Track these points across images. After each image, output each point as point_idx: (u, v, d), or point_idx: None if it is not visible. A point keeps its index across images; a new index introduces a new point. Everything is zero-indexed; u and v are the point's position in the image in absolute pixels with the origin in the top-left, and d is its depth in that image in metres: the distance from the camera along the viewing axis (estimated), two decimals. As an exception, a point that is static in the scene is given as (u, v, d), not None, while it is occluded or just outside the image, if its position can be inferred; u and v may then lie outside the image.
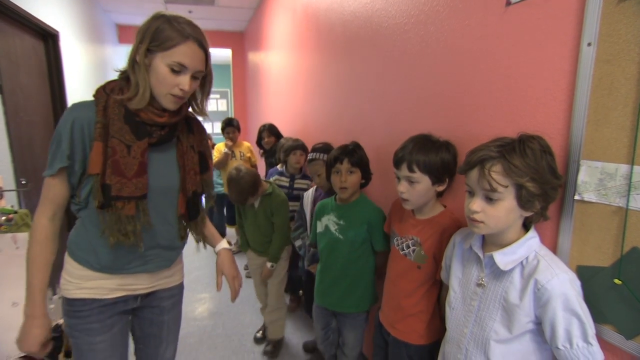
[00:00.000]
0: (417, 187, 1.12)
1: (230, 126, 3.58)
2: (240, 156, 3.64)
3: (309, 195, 2.01)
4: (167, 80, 0.90)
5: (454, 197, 1.22)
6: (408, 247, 1.22)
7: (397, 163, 1.14)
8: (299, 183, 2.48)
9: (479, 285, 0.89)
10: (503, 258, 0.83)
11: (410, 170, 1.10)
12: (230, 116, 3.95)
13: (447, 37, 1.21)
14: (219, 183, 3.77)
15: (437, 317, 1.22)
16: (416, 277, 1.20)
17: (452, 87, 1.20)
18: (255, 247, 2.11)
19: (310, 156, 1.93)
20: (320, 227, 1.61)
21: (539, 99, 0.90)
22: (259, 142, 3.27)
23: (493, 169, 0.76)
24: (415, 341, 1.21)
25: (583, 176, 0.80)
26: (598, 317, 0.80)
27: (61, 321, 1.81)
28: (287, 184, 2.45)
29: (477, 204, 0.81)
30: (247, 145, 3.80)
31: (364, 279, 1.54)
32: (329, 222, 1.56)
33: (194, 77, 0.93)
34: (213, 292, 2.95)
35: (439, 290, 1.21)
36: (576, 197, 0.82)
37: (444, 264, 1.08)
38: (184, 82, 0.90)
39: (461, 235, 1.01)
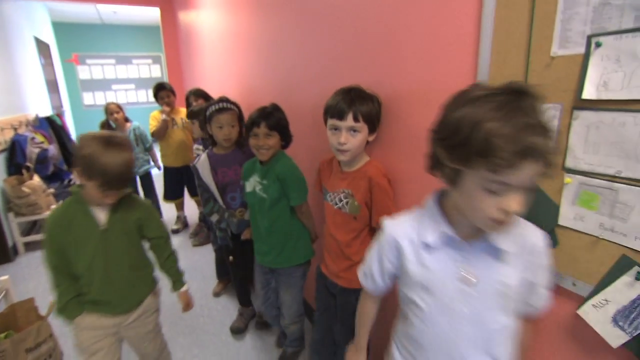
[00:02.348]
0: (358, 137, 1.15)
1: (164, 89, 3.17)
2: (182, 123, 3.21)
3: (203, 163, 1.86)
4: None
5: (374, 148, 1.28)
6: (340, 200, 1.26)
7: (340, 114, 1.13)
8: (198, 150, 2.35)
9: (466, 283, 0.69)
10: (507, 239, 0.67)
11: (356, 119, 1.12)
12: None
13: (372, -13, 1.21)
14: (146, 160, 3.44)
15: None
16: (354, 227, 1.26)
17: (377, 39, 1.22)
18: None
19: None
20: (248, 187, 1.61)
21: (452, 45, 0.95)
22: (189, 112, 2.82)
23: None
24: None
25: (487, 116, 0.88)
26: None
27: None
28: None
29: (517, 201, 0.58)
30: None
31: (293, 233, 1.58)
32: (255, 182, 1.57)
33: None
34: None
35: (374, 233, 1.28)
36: (481, 136, 0.90)
37: (378, 276, 0.84)
38: None
39: (411, 231, 0.75)
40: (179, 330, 2.16)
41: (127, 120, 3.35)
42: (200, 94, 2.89)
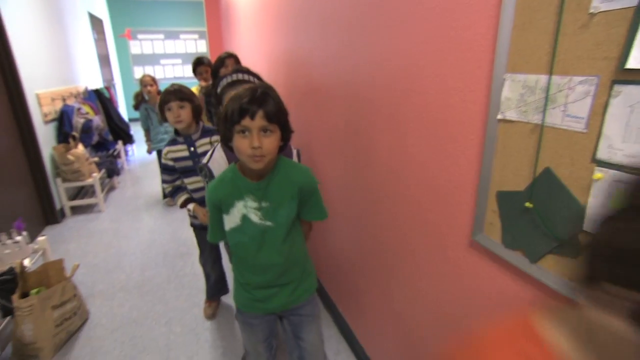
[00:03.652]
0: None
1: (202, 64, 3.01)
2: None
3: (219, 162, 1.31)
4: None
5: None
6: None
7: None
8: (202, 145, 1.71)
9: None
10: None
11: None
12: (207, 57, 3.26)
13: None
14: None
15: None
16: None
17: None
18: None
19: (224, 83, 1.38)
20: (231, 222, 1.05)
21: (472, 5, 0.79)
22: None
23: None
24: None
25: (506, 92, 0.72)
26: (511, 243, 0.77)
27: (16, 263, 1.80)
28: (185, 154, 1.69)
29: None
30: None
31: (306, 253, 1.21)
32: (246, 210, 1.04)
33: None
34: (181, 235, 2.97)
35: None
36: (499, 117, 0.75)
37: None
38: None
39: None
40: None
41: (159, 93, 3.37)
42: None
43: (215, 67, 2.44)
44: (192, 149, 1.69)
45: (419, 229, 1.10)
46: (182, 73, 8.88)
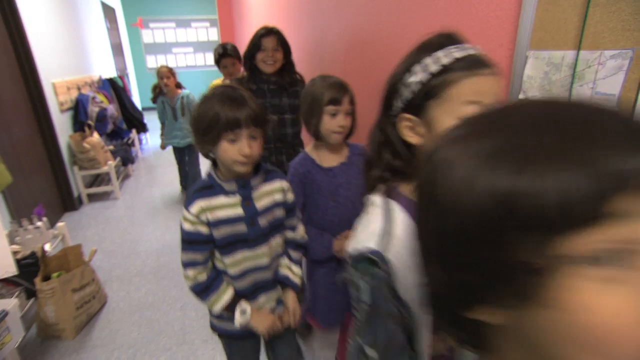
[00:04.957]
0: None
1: (227, 56, 2.46)
2: None
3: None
4: None
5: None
6: None
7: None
8: None
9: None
10: None
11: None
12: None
13: None
14: (191, 131, 3.25)
15: None
16: None
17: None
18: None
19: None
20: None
21: (492, -21, 0.75)
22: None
23: None
24: None
25: (529, 69, 0.69)
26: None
27: (37, 247, 1.86)
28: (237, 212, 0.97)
29: None
30: None
31: None
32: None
33: None
34: (164, 228, 3.00)
35: None
36: (520, 96, 0.72)
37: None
38: None
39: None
40: None
41: (178, 86, 3.05)
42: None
43: (249, 53, 1.65)
44: (247, 202, 0.94)
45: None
46: (194, 61, 8.89)
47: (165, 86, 2.98)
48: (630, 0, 0.52)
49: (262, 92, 1.63)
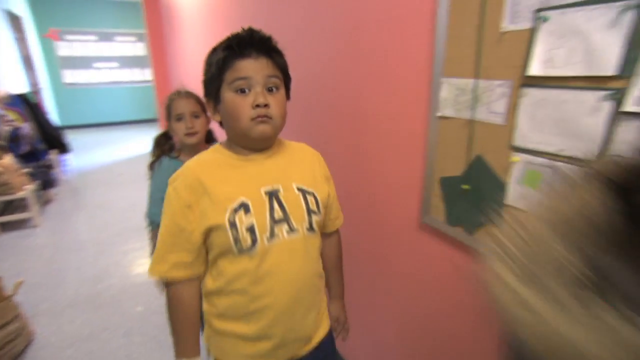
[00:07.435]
0: None
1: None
2: None
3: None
4: None
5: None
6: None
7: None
8: None
9: None
10: None
11: None
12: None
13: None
14: None
15: None
16: None
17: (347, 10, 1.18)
18: None
19: None
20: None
21: (408, 19, 0.93)
22: None
23: None
24: None
25: (444, 92, 0.87)
26: (453, 221, 0.91)
27: None
28: None
29: None
30: None
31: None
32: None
33: None
34: (98, 253, 2.85)
35: None
36: (438, 114, 0.89)
37: None
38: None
39: None
40: None
41: (209, 139, 1.44)
42: None
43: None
44: None
45: (373, 218, 1.22)
46: (119, 77, 8.37)
47: (189, 135, 1.29)
48: (504, 45, 0.71)
49: None
